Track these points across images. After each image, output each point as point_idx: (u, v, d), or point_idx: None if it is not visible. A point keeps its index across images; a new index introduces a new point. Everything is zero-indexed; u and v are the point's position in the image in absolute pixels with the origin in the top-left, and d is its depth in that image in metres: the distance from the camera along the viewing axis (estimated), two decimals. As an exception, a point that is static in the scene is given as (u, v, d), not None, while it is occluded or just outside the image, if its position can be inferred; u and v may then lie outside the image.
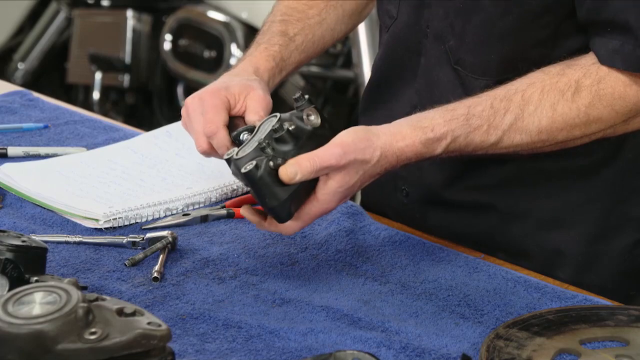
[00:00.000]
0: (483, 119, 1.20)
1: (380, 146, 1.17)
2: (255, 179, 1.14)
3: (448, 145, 1.20)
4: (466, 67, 1.31)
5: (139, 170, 1.49)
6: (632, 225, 1.36)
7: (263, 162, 1.14)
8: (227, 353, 1.09)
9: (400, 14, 1.37)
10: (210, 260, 1.28)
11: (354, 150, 1.15)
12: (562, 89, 1.21)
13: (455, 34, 1.30)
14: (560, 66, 1.24)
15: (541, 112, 1.21)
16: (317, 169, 1.14)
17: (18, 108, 1.71)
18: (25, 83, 3.61)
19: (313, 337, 1.12)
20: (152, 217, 1.37)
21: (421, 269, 1.28)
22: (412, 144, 1.18)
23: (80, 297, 0.93)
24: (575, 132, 1.22)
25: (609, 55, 1.21)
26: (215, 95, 1.28)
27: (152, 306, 1.17)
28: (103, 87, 3.60)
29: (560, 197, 1.32)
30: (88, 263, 1.26)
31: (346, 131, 1.17)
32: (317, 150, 1.15)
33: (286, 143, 1.15)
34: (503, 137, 1.21)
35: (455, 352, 1.11)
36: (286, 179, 1.14)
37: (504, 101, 1.21)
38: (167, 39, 3.43)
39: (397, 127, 1.19)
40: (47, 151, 1.55)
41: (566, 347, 1.11)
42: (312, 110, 1.17)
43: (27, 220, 1.36)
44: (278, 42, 1.41)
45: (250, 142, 1.18)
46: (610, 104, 1.21)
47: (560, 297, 1.23)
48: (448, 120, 1.20)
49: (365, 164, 1.16)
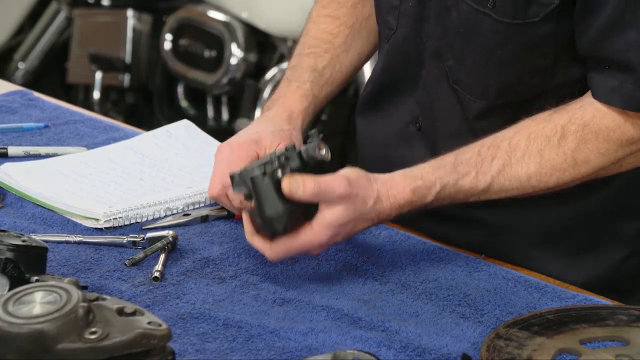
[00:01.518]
0: (470, 165, 1.23)
1: (377, 189, 1.20)
2: (261, 184, 1.16)
3: (438, 193, 1.22)
4: (464, 88, 1.31)
5: (139, 170, 1.49)
6: (621, 241, 1.37)
7: (271, 170, 1.16)
8: (227, 353, 1.09)
9: (399, 26, 1.37)
10: (210, 260, 1.28)
11: (357, 185, 1.18)
12: (548, 134, 1.23)
13: (454, 54, 1.30)
14: (548, 112, 1.25)
15: (529, 158, 1.23)
16: (319, 192, 1.15)
17: (18, 108, 1.71)
18: (26, 83, 3.61)
19: (313, 337, 1.12)
20: (152, 217, 1.37)
21: (421, 268, 1.28)
22: (403, 191, 1.20)
23: (80, 297, 0.93)
24: (565, 176, 1.24)
25: (607, 93, 1.22)
26: (244, 147, 1.30)
27: (152, 306, 1.17)
28: (103, 87, 3.60)
29: (552, 214, 1.32)
30: (88, 263, 1.26)
31: (348, 168, 1.20)
32: (323, 175, 1.17)
33: (295, 162, 1.18)
34: (492, 184, 1.23)
35: (455, 351, 1.11)
36: (287, 192, 1.15)
37: (491, 148, 1.23)
38: (167, 39, 3.43)
39: (390, 175, 1.22)
40: (47, 151, 1.55)
41: (566, 346, 1.11)
42: (325, 146, 1.20)
43: (27, 220, 1.36)
44: (309, 78, 1.42)
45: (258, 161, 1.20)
46: (596, 147, 1.22)
47: (561, 296, 1.23)
48: (436, 168, 1.22)
49: (364, 203, 1.18)
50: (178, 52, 3.43)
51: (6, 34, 3.89)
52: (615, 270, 1.37)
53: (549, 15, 1.23)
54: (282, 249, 1.18)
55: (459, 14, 1.28)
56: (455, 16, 1.28)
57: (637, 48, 1.19)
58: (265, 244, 1.19)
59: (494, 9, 1.24)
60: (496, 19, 1.24)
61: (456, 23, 1.28)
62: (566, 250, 1.36)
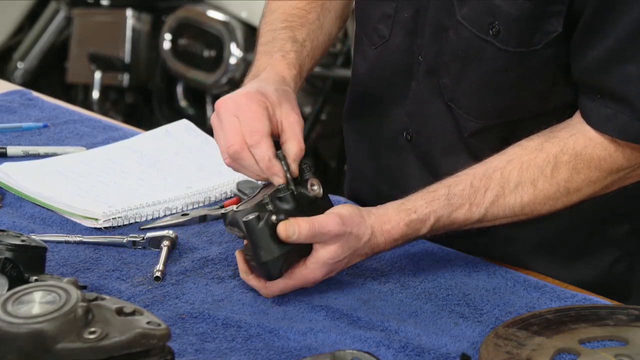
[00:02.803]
0: (464, 197, 1.22)
1: (371, 225, 1.19)
2: (255, 229, 1.14)
3: (432, 226, 1.22)
4: (461, 107, 1.30)
5: (138, 169, 1.49)
6: (612, 244, 1.38)
7: (265, 214, 1.15)
8: (226, 352, 1.09)
9: (392, 35, 1.35)
10: (209, 260, 1.28)
11: (351, 223, 1.17)
12: (540, 165, 1.23)
13: (450, 74, 1.29)
14: (538, 140, 1.24)
15: (522, 189, 1.23)
16: (315, 233, 1.15)
17: (17, 107, 1.71)
18: (25, 82, 3.61)
19: (312, 337, 1.12)
20: (151, 217, 1.37)
21: (420, 268, 1.28)
22: (397, 226, 1.20)
23: (79, 297, 0.93)
24: (558, 204, 1.25)
25: (602, 121, 1.22)
26: (254, 100, 1.17)
27: (151, 305, 1.17)
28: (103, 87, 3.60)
29: (547, 222, 1.33)
30: (87, 262, 1.26)
31: (342, 205, 1.19)
32: (317, 216, 1.16)
33: (288, 204, 1.17)
34: (486, 214, 1.23)
35: (454, 351, 1.11)
36: (284, 236, 1.14)
37: (484, 179, 1.23)
38: (166, 39, 3.43)
39: (383, 209, 1.21)
40: (46, 150, 1.55)
41: (565, 346, 1.11)
42: (316, 181, 1.19)
43: (26, 220, 1.36)
44: (292, 48, 1.34)
45: (250, 200, 1.18)
46: (588, 176, 1.23)
47: (560, 296, 1.23)
48: (429, 201, 1.21)
49: (359, 240, 1.18)
50: (177, 51, 3.43)
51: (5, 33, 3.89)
52: (607, 273, 1.37)
53: (551, 41, 1.23)
54: (277, 288, 1.18)
55: (457, 37, 1.26)
56: (453, 38, 1.27)
57: (637, 82, 1.19)
58: (260, 283, 1.19)
59: (497, 37, 1.23)
60: (498, 47, 1.23)
61: (454, 45, 1.27)
62: (560, 255, 1.36)
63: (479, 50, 1.25)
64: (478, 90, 1.28)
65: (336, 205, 1.19)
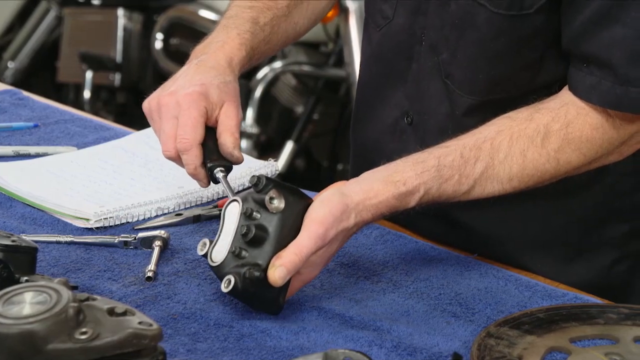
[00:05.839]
0: (454, 169, 1.20)
1: (354, 208, 1.15)
2: (238, 294, 1.12)
3: (421, 198, 1.19)
4: (455, 82, 1.31)
5: (129, 169, 1.49)
6: (610, 245, 1.37)
7: (240, 275, 1.10)
8: (218, 352, 1.09)
9: (396, 15, 1.36)
10: (202, 260, 1.27)
11: (333, 223, 1.13)
12: (530, 135, 1.22)
13: (449, 47, 1.30)
14: (528, 111, 1.24)
15: (511, 160, 1.21)
16: (304, 259, 1.12)
17: (8, 107, 1.71)
18: (15, 82, 3.61)
19: (305, 336, 1.12)
20: (143, 217, 1.37)
21: (413, 267, 1.28)
22: (386, 200, 1.17)
23: (70, 297, 0.93)
24: (545, 177, 1.23)
25: (586, 90, 1.22)
26: (193, 106, 1.25)
27: (143, 306, 1.17)
28: (94, 86, 3.60)
29: (543, 221, 1.32)
30: (79, 263, 1.26)
31: (319, 203, 1.13)
32: (298, 238, 1.12)
33: (259, 242, 1.12)
34: (475, 186, 1.22)
35: (446, 350, 1.11)
36: (279, 283, 1.11)
37: (474, 150, 1.21)
38: (158, 38, 3.43)
39: (369, 183, 1.17)
40: (37, 150, 1.54)
41: (556, 345, 1.11)
42: (274, 193, 1.12)
43: (17, 220, 1.35)
44: (249, 29, 1.37)
45: (221, 240, 1.14)
46: (578, 147, 1.22)
47: (551, 295, 1.23)
48: (419, 173, 1.19)
49: (346, 230, 1.15)
50: (169, 51, 3.43)
51: (-4, 32, 3.88)
52: (605, 274, 1.37)
53: (543, 7, 1.23)
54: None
55: (457, 7, 1.28)
56: (453, 9, 1.28)
57: (621, 44, 1.19)
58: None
59: (490, 0, 1.24)
60: (492, 11, 1.25)
61: (453, 15, 1.29)
62: (557, 255, 1.36)
63: (473, 16, 1.26)
64: (471, 60, 1.28)
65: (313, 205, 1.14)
